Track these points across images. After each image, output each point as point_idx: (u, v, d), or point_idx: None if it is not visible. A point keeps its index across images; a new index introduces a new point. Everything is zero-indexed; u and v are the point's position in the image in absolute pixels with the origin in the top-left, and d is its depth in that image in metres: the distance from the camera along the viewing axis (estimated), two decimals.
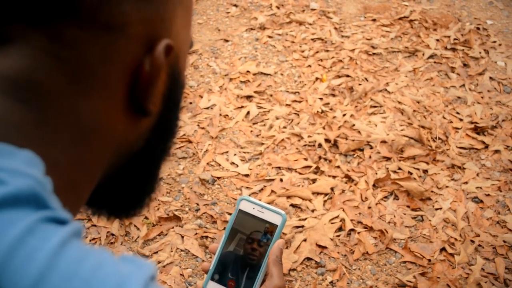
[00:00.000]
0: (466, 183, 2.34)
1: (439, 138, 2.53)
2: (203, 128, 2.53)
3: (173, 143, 0.59)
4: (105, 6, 0.43)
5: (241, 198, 0.88)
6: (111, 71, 0.46)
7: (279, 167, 2.37)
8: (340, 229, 2.15)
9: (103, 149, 0.49)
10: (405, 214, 2.21)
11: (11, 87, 0.43)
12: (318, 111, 2.62)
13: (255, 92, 2.73)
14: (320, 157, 2.41)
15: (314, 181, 2.31)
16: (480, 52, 3.05)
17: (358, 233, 2.13)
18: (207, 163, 2.37)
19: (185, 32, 0.53)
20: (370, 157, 2.42)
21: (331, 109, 2.66)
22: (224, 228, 2.13)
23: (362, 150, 2.46)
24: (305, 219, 2.16)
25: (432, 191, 2.29)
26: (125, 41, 0.45)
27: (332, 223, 2.16)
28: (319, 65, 2.92)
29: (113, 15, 0.44)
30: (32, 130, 0.43)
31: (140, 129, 0.52)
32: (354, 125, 2.56)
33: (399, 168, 2.38)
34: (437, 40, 3.13)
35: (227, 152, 2.43)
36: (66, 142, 0.45)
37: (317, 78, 2.84)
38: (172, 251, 2.05)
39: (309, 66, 2.92)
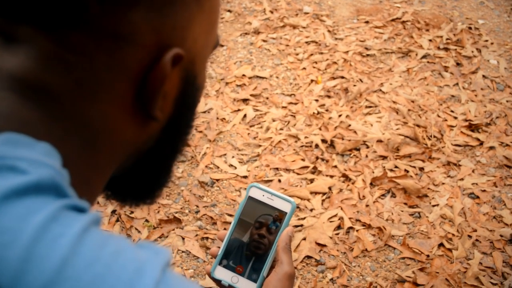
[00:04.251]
0: (462, 179, 2.37)
1: (434, 136, 2.56)
2: (200, 131, 2.56)
3: (185, 142, 0.60)
4: (111, 15, 0.44)
5: (251, 185, 0.89)
6: (118, 77, 0.46)
7: (277, 168, 2.40)
8: (339, 227, 2.18)
9: (113, 150, 0.50)
10: (402, 211, 2.24)
11: (18, 85, 0.44)
12: (314, 113, 2.65)
13: (251, 95, 2.76)
14: (317, 158, 2.44)
15: (312, 181, 2.34)
16: (472, 51, 3.08)
17: (357, 230, 2.16)
18: (206, 166, 2.40)
19: (205, 36, 0.53)
20: (366, 156, 2.45)
21: (327, 110, 2.69)
22: (224, 227, 2.15)
23: (358, 149, 2.48)
24: (304, 218, 2.19)
25: (428, 188, 2.32)
26: (132, 49, 0.46)
27: (330, 221, 2.18)
28: (314, 67, 2.95)
29: (120, 24, 0.44)
30: (41, 128, 0.44)
31: (149, 132, 0.53)
32: (350, 125, 2.59)
33: (396, 167, 2.40)
34: (430, 40, 3.17)
35: (225, 154, 2.46)
36: (74, 142, 0.46)
37: (312, 80, 2.87)
38: (173, 253, 2.06)
39: (304, 68, 2.95)
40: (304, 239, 2.12)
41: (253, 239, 0.86)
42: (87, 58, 0.45)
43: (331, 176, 2.36)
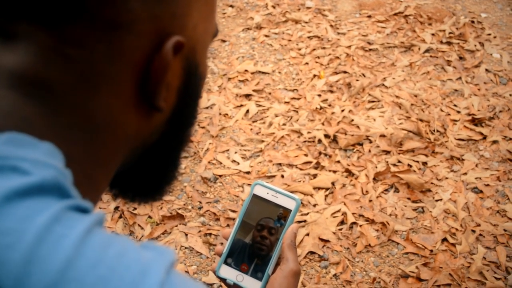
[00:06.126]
0: (465, 174, 2.36)
1: (438, 131, 2.55)
2: (203, 127, 2.56)
3: (191, 134, 0.59)
4: (110, 5, 0.43)
5: (255, 182, 0.88)
6: (119, 69, 0.46)
7: (279, 164, 2.39)
8: (342, 222, 2.18)
9: (117, 144, 0.49)
10: (406, 206, 2.23)
11: (19, 82, 0.43)
12: (316, 108, 2.65)
13: (253, 90, 2.75)
14: (320, 153, 2.44)
15: (315, 176, 2.33)
16: (475, 45, 3.07)
17: (360, 226, 2.16)
18: (209, 162, 2.40)
19: (205, 24, 0.52)
20: (369, 151, 2.44)
21: (329, 105, 2.68)
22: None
23: (361, 144, 2.48)
24: (307, 213, 2.18)
25: (432, 183, 2.32)
26: (132, 39, 0.45)
27: (334, 217, 2.18)
28: (316, 62, 2.95)
29: (119, 13, 0.43)
30: (43, 124, 0.44)
31: (154, 123, 0.52)
32: (353, 120, 2.58)
33: (399, 161, 2.40)
34: (433, 34, 3.16)
35: (227, 150, 2.45)
36: (78, 138, 0.46)
37: (314, 75, 2.86)
38: (176, 249, 2.07)
39: (307, 63, 2.94)
40: (307, 234, 2.12)
41: (256, 241, 0.86)
42: (87, 51, 0.44)
43: (334, 171, 2.35)
